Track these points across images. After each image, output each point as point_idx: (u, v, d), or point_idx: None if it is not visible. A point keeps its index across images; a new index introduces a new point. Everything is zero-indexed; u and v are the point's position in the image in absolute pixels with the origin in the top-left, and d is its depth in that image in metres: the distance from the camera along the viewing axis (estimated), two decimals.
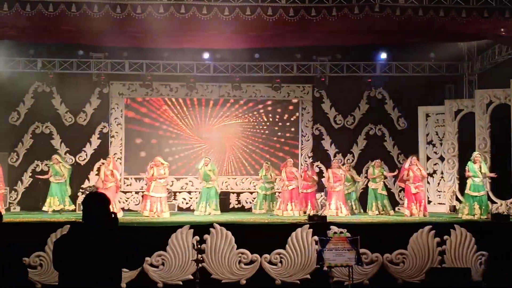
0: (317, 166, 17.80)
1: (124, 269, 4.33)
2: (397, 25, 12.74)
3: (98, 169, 15.84)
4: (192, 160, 17.85)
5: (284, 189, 15.31)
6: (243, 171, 18.08)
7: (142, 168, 16.82)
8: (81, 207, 4.45)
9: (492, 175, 13.90)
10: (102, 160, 16.69)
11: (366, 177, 15.39)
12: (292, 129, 18.34)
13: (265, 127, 18.30)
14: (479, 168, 13.31)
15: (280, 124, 18.37)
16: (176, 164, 17.82)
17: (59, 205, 14.96)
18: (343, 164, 16.49)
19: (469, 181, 13.39)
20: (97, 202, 4.28)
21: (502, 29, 13.04)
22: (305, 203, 15.52)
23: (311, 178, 15.57)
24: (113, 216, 4.29)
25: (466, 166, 13.57)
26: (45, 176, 15.67)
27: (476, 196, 13.21)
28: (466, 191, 13.46)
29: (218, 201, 15.34)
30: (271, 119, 18.34)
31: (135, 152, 17.89)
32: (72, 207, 15.26)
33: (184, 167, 17.98)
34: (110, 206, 4.35)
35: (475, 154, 13.59)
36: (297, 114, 18.32)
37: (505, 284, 10.49)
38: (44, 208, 14.96)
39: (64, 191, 15.26)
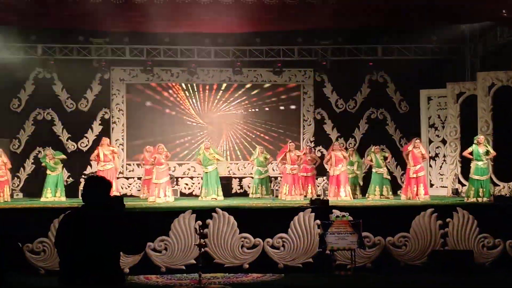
0: (319, 150, 17.81)
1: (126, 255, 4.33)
2: (399, 6, 12.65)
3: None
4: (194, 145, 17.81)
5: (288, 172, 15.03)
6: (245, 156, 18.02)
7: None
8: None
9: (493, 154, 13.64)
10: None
11: (370, 160, 15.25)
12: (294, 114, 18.29)
13: (266, 112, 18.26)
14: (484, 152, 13.23)
15: (281, 108, 18.32)
16: (178, 150, 17.81)
17: (51, 196, 14.59)
18: (347, 149, 16.26)
19: (473, 165, 13.33)
20: (96, 185, 4.27)
21: (504, 10, 12.96)
22: (306, 187, 15.53)
23: (312, 161, 15.69)
24: (117, 198, 4.30)
25: (470, 148, 13.49)
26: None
27: (480, 180, 13.19)
28: (470, 175, 13.42)
29: (219, 187, 15.07)
30: (272, 104, 18.29)
31: (137, 137, 17.89)
32: (63, 199, 14.66)
33: (186, 152, 17.96)
34: (111, 189, 4.35)
35: (479, 137, 13.50)
36: (299, 98, 18.27)
37: None
38: (42, 200, 14.54)
39: (58, 182, 14.81)
